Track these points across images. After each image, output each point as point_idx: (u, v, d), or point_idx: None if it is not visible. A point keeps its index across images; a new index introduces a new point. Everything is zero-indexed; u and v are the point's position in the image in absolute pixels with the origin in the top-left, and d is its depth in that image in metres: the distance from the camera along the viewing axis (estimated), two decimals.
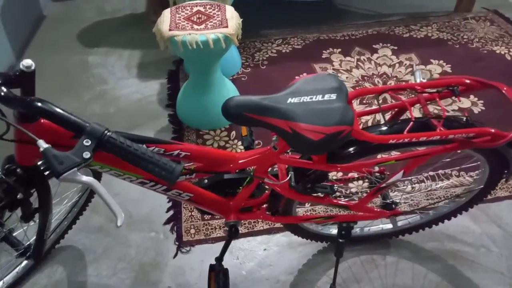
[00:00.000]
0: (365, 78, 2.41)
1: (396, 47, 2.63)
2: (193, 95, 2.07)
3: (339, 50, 2.63)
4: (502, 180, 1.29)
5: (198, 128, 2.11)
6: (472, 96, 2.24)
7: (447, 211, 1.49)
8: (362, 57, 2.57)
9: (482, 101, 2.21)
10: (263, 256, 1.59)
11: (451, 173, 1.83)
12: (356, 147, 1.10)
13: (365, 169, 1.27)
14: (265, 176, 1.16)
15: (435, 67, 2.48)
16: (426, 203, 1.69)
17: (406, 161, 1.15)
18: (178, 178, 0.75)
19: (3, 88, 0.75)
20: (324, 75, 1.06)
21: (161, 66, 2.54)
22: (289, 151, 1.16)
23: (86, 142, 0.70)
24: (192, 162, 1.13)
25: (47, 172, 1.07)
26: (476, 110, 2.17)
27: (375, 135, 1.05)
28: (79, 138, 0.72)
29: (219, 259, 1.33)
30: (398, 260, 1.56)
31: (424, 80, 1.10)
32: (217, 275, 1.30)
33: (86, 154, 0.69)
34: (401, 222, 1.55)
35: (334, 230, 1.52)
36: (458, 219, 1.53)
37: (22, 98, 0.78)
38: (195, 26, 1.81)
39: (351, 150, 1.10)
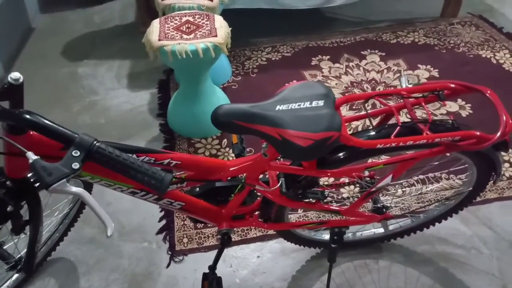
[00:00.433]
0: (354, 84, 2.44)
1: (384, 53, 2.67)
2: (184, 104, 2.07)
3: (328, 57, 2.65)
4: (491, 182, 1.30)
5: (190, 137, 2.11)
6: (460, 100, 2.27)
7: (438, 214, 1.50)
8: (351, 64, 2.60)
9: (470, 105, 2.24)
10: (257, 264, 1.59)
11: (441, 176, 1.85)
12: (345, 153, 1.11)
13: (355, 174, 1.28)
14: (256, 183, 1.17)
15: (423, 72, 2.51)
16: (417, 207, 1.71)
17: (395, 165, 1.16)
18: (168, 187, 0.75)
19: None
20: (312, 82, 1.08)
21: (151, 76, 2.54)
22: (280, 158, 1.17)
23: (75, 153, 0.71)
24: (183, 171, 1.13)
25: (37, 184, 1.07)
26: (464, 114, 2.20)
27: (363, 140, 1.06)
28: (68, 150, 0.73)
29: (212, 268, 1.33)
30: (391, 264, 1.57)
31: (410, 86, 1.12)
32: (211, 284, 1.30)
33: (75, 165, 0.70)
34: (393, 226, 1.56)
35: (327, 236, 1.53)
36: (449, 222, 1.55)
37: (11, 111, 0.78)
38: (185, 36, 1.83)
39: (340, 156, 1.12)
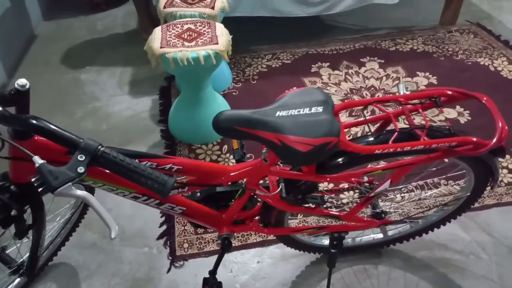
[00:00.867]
0: (354, 91, 2.46)
1: (383, 61, 2.69)
2: (185, 111, 2.09)
3: (328, 64, 2.68)
4: (488, 188, 1.32)
5: (190, 143, 2.13)
6: (458, 107, 2.29)
7: (436, 220, 1.52)
8: (350, 71, 2.62)
9: (468, 112, 2.26)
10: (257, 269, 1.60)
11: (440, 182, 1.86)
12: (344, 158, 1.13)
13: (354, 179, 1.30)
14: (257, 188, 1.19)
15: (421, 79, 2.54)
16: (416, 212, 1.72)
17: (393, 171, 1.17)
18: (171, 191, 0.77)
19: None
20: (311, 89, 1.10)
21: (153, 83, 2.57)
22: (279, 163, 1.18)
23: (80, 157, 0.72)
24: (185, 176, 1.15)
25: (42, 188, 1.09)
26: (462, 120, 2.22)
27: (362, 146, 1.08)
28: (73, 154, 0.74)
29: (213, 272, 1.34)
30: (390, 269, 1.58)
31: (408, 92, 1.14)
32: None
33: (81, 169, 0.71)
34: (392, 232, 1.57)
35: (326, 241, 1.54)
36: (448, 228, 1.56)
37: (18, 116, 0.80)
38: (186, 43, 1.85)
39: (339, 161, 1.13)
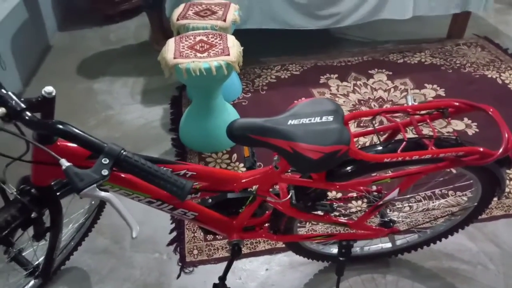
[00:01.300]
0: (362, 102, 2.49)
1: (391, 73, 2.73)
2: (196, 120, 2.14)
3: (336, 76, 2.72)
4: (495, 198, 1.33)
5: (201, 151, 2.17)
6: (466, 119, 2.31)
7: (444, 230, 1.53)
8: (358, 82, 2.66)
9: (476, 123, 2.28)
10: (265, 276, 1.62)
11: (447, 192, 1.88)
12: (353, 166, 1.16)
13: (363, 188, 1.32)
14: (267, 195, 1.21)
15: (429, 91, 2.56)
16: (423, 222, 1.73)
17: (401, 179, 1.20)
18: (188, 194, 0.80)
19: (28, 113, 0.82)
20: (322, 99, 1.13)
21: (164, 92, 2.62)
22: (289, 171, 1.21)
23: (105, 161, 0.76)
24: (198, 182, 1.18)
25: (61, 192, 1.13)
26: (470, 132, 2.24)
27: (371, 154, 1.10)
28: (97, 158, 0.78)
29: (222, 279, 1.36)
30: (398, 279, 1.59)
31: (415, 103, 1.17)
32: None
33: (105, 172, 0.75)
34: (400, 241, 1.59)
35: (335, 250, 1.55)
36: (456, 238, 1.57)
37: (45, 121, 0.84)
38: (198, 54, 1.90)
39: (349, 169, 1.16)
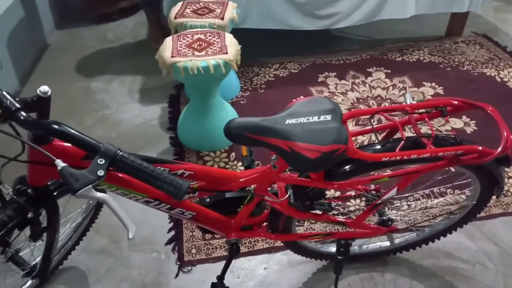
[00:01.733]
0: (360, 101, 2.49)
1: (390, 71, 2.72)
2: (194, 118, 2.13)
3: (335, 74, 2.71)
4: (494, 197, 1.33)
5: (199, 150, 2.16)
6: (465, 117, 2.31)
7: (442, 228, 1.53)
8: (357, 80, 2.65)
9: (474, 122, 2.27)
10: (264, 275, 1.61)
11: (446, 191, 1.87)
12: (351, 165, 1.15)
13: (361, 187, 1.32)
14: (265, 194, 1.21)
15: (428, 90, 2.56)
16: (422, 220, 1.73)
17: (400, 178, 1.19)
18: (185, 194, 0.80)
19: (23, 113, 0.81)
20: (320, 98, 1.12)
21: (162, 91, 2.61)
22: (287, 170, 1.21)
23: (100, 161, 0.76)
24: (195, 181, 1.17)
25: (57, 192, 1.12)
26: (469, 130, 2.23)
27: (369, 153, 1.10)
28: (92, 159, 0.77)
29: (221, 278, 1.36)
30: (397, 277, 1.59)
31: (414, 102, 1.16)
32: None
33: (100, 172, 0.74)
34: (398, 240, 1.58)
35: (333, 248, 1.56)
36: (454, 236, 1.57)
37: (41, 121, 0.84)
38: (196, 53, 1.89)
39: (347, 168, 1.15)
